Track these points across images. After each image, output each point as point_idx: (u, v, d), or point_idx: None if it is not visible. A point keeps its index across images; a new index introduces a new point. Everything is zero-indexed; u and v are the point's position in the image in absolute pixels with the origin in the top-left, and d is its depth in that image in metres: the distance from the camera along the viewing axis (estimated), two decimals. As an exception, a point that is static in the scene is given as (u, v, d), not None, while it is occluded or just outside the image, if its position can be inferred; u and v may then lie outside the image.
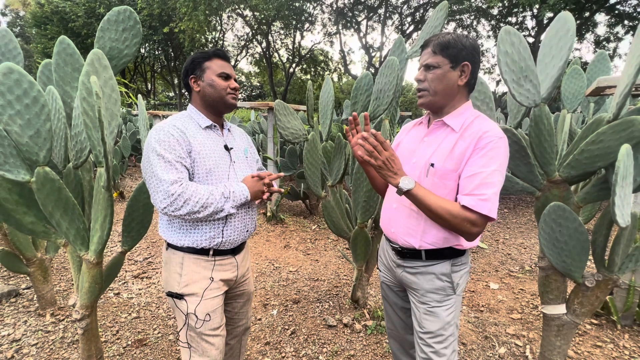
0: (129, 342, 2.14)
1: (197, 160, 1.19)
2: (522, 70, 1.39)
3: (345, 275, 3.21)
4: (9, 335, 2.15)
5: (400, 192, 1.07)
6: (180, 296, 1.23)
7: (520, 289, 2.97)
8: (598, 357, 2.06)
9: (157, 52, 21.39)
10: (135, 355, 2.03)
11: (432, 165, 1.11)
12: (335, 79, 25.01)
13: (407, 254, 1.21)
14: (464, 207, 1.02)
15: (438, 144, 1.13)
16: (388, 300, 1.42)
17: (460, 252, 1.18)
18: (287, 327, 2.34)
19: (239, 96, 1.35)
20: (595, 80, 1.92)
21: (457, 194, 1.09)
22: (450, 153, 1.09)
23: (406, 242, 1.18)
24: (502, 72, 1.38)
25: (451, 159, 1.08)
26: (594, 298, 1.56)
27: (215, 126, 1.30)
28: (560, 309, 1.62)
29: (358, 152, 1.15)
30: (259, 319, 2.43)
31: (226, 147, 1.30)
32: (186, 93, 1.40)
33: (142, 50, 20.52)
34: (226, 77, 1.26)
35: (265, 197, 1.29)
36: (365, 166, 1.31)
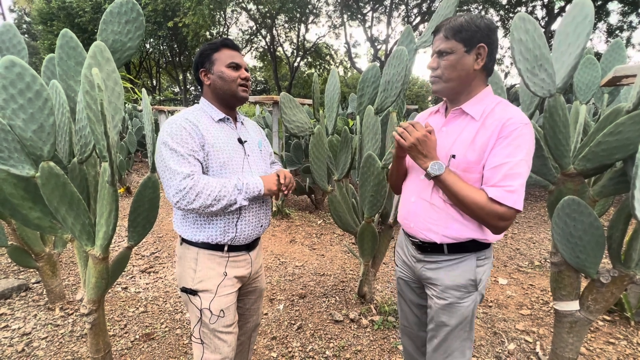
0: (137, 336, 2.15)
1: (211, 154, 1.17)
2: (537, 59, 1.33)
3: (351, 270, 3.19)
4: (19, 328, 2.18)
5: (428, 176, 1.03)
6: (194, 292, 1.22)
7: (530, 285, 2.93)
8: (611, 354, 2.01)
9: (162, 48, 21.39)
10: (142, 349, 2.04)
11: (454, 156, 1.05)
12: (341, 73, 24.77)
13: (428, 247, 1.16)
14: (491, 199, 0.97)
15: (458, 133, 1.07)
16: (404, 296, 1.37)
17: (485, 245, 1.12)
18: (293, 322, 2.33)
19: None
20: (611, 69, 1.85)
21: (480, 185, 1.03)
22: (472, 143, 1.03)
23: (426, 237, 1.13)
24: (516, 61, 1.33)
25: (473, 150, 1.02)
26: (609, 294, 1.52)
27: (228, 119, 1.28)
28: (573, 306, 1.58)
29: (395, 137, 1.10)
30: (265, 314, 2.42)
31: (240, 140, 1.28)
32: (191, 88, 1.38)
33: (147, 46, 20.53)
34: (235, 66, 1.22)
35: (280, 194, 1.27)
36: (398, 153, 1.21)
